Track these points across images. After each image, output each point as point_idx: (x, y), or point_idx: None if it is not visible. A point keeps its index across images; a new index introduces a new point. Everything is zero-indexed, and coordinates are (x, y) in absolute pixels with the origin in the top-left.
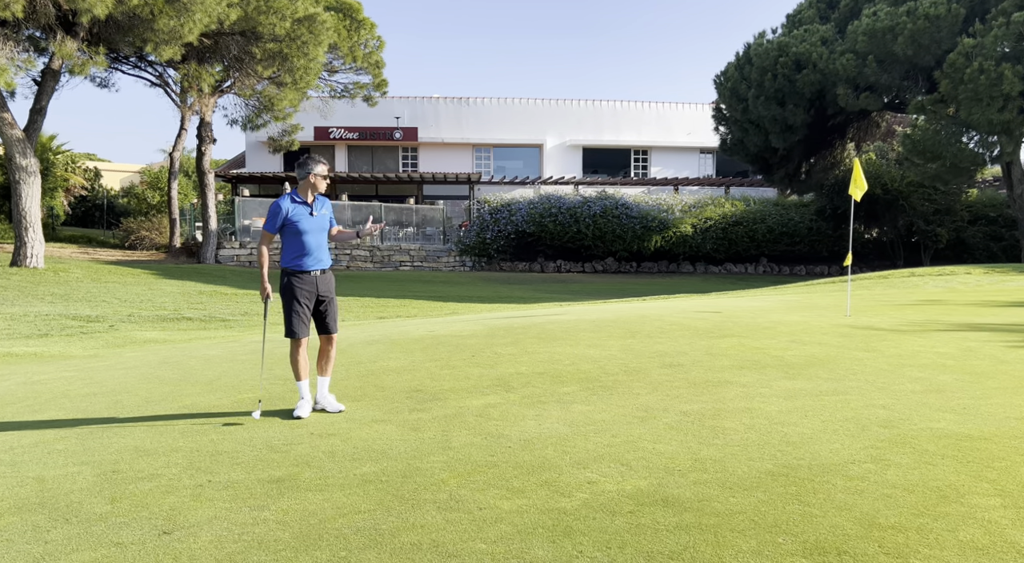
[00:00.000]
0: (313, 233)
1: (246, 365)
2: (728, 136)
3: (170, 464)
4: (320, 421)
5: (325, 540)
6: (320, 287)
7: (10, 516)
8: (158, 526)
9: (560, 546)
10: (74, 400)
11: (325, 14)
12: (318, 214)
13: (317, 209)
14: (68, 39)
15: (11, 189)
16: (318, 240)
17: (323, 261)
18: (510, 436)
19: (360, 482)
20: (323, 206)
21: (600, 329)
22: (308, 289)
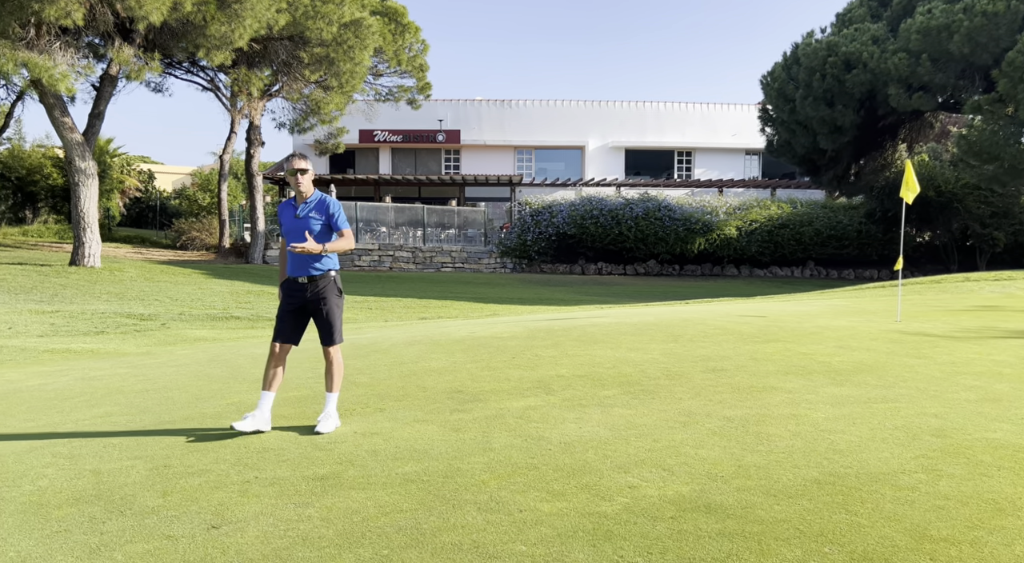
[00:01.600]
0: (292, 235)
1: (290, 364)
2: (775, 137)
3: (219, 460)
4: (364, 420)
5: (368, 538)
6: (308, 295)
7: (68, 507)
8: (207, 520)
9: (600, 550)
10: (128, 396)
11: (371, 18)
12: (302, 216)
13: (302, 211)
14: (125, 45)
15: (71, 191)
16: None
17: (304, 268)
18: (550, 439)
19: (402, 481)
20: (311, 208)
21: (642, 332)
22: (291, 296)
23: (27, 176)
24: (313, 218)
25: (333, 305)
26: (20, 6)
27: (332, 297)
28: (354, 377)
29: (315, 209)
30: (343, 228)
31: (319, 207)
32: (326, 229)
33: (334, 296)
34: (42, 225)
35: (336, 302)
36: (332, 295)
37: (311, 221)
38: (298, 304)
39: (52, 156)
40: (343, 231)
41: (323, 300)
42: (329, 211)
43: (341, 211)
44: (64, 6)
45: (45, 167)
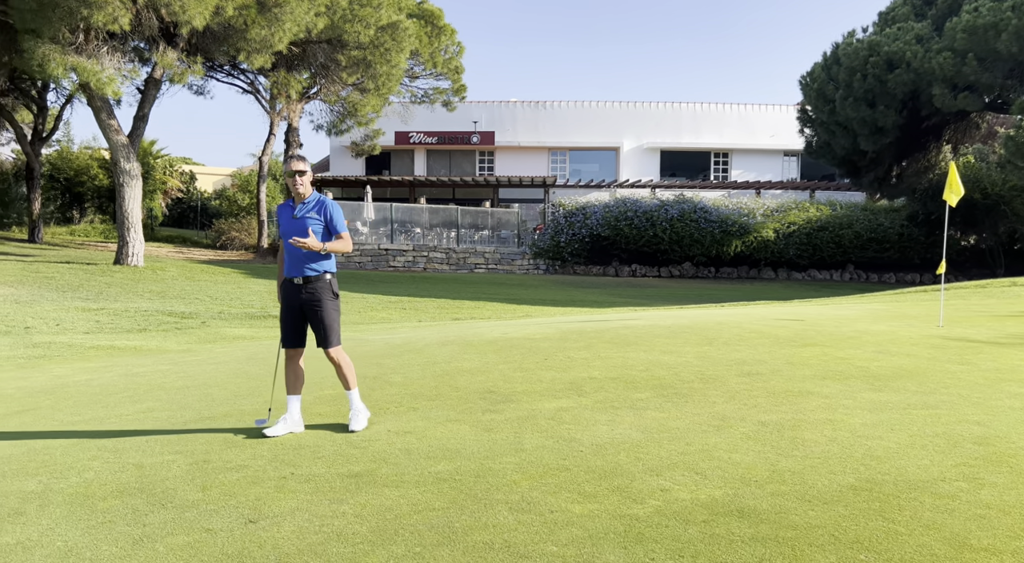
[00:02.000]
0: (290, 236)
1: (325, 363)
2: (814, 138)
3: (256, 456)
4: (398, 419)
5: (400, 535)
6: (302, 296)
7: (113, 499)
8: (244, 515)
9: (631, 552)
10: (169, 392)
11: (407, 21)
12: (300, 217)
13: (300, 212)
14: (169, 49)
15: (116, 191)
16: (293, 248)
17: (298, 269)
18: (582, 440)
19: (434, 480)
20: (309, 209)
21: (675, 335)
22: (288, 297)
23: (75, 177)
24: (311, 219)
25: (327, 308)
26: (70, 12)
27: (326, 300)
28: (388, 376)
29: (313, 210)
30: (341, 231)
31: (317, 208)
32: (324, 231)
33: (328, 299)
34: (88, 225)
35: (331, 305)
36: (326, 298)
37: (309, 222)
38: (295, 305)
39: (99, 158)
40: (341, 234)
41: (317, 302)
42: (327, 213)
43: (339, 213)
44: (112, 12)
45: (92, 168)
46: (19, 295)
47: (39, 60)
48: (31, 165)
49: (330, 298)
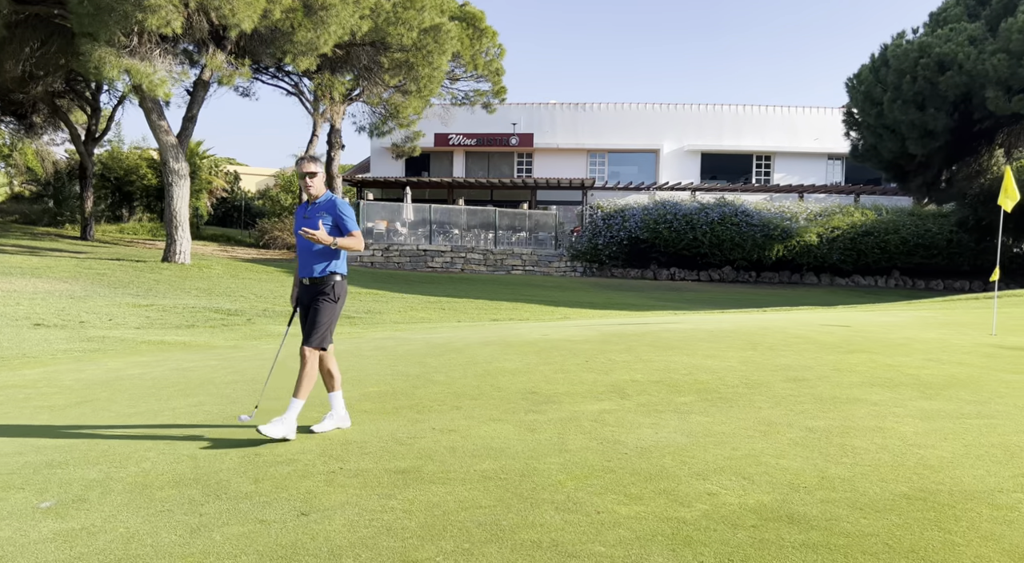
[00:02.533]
0: (302, 238)
1: (369, 360)
2: (860, 142)
3: (304, 450)
4: (441, 417)
5: (449, 531)
6: (306, 297)
7: (170, 489)
8: (296, 507)
9: (680, 555)
10: (219, 386)
11: (450, 24)
12: (311, 216)
13: (311, 211)
14: (218, 52)
15: (165, 191)
16: (304, 244)
17: (307, 268)
18: (626, 443)
19: (480, 478)
20: (320, 209)
21: (718, 339)
22: (300, 298)
23: (124, 176)
24: (322, 218)
25: (323, 307)
26: (125, 16)
27: (327, 300)
28: (431, 375)
29: (323, 209)
30: (352, 230)
31: (327, 207)
32: (334, 229)
33: (329, 299)
34: (137, 223)
35: (327, 306)
36: (328, 299)
37: (318, 221)
38: (306, 305)
39: (147, 158)
40: (352, 233)
41: (317, 300)
42: (337, 211)
43: (350, 212)
44: (165, 15)
45: (141, 168)
46: (73, 290)
47: (96, 63)
48: (84, 164)
49: (329, 298)
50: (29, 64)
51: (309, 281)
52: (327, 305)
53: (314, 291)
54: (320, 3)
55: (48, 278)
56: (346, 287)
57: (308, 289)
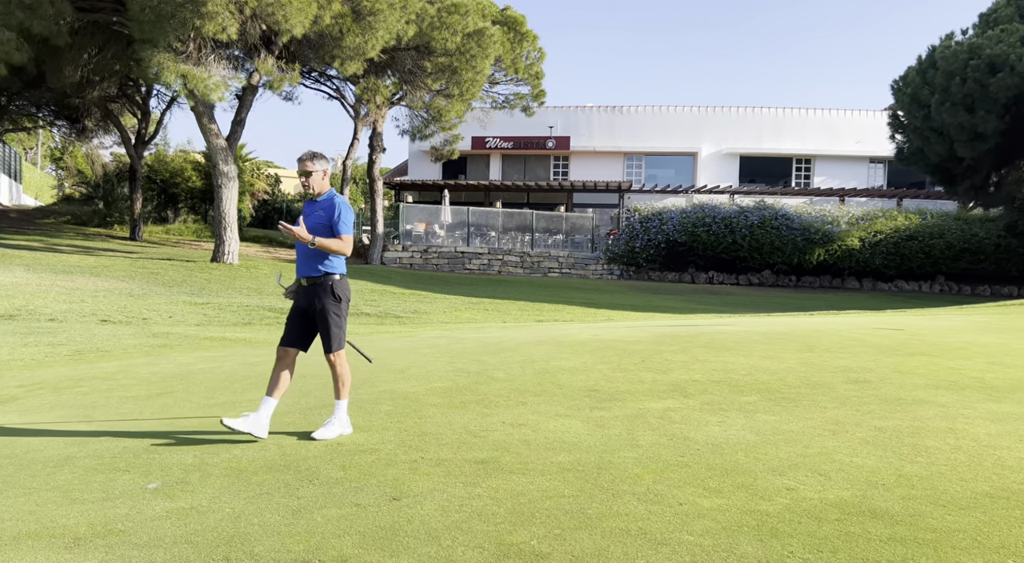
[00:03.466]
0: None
1: (428, 357)
2: (905, 145)
3: (384, 441)
4: (509, 412)
5: (537, 518)
6: (304, 299)
7: (264, 474)
8: (387, 493)
9: (768, 545)
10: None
11: (493, 28)
12: (310, 215)
13: (313, 209)
14: (269, 57)
15: (214, 193)
16: (301, 247)
17: (305, 268)
18: (696, 439)
19: (558, 469)
20: (319, 207)
21: (773, 341)
22: (297, 298)
23: (169, 179)
24: (318, 216)
25: (329, 311)
26: (183, 22)
27: (329, 302)
28: (491, 372)
29: (322, 207)
30: (343, 233)
31: (326, 206)
32: (327, 229)
33: (331, 301)
34: (182, 224)
35: (334, 308)
36: (330, 300)
37: (315, 218)
38: (303, 306)
39: (192, 160)
40: (341, 235)
41: (319, 304)
42: (333, 211)
43: (346, 214)
44: (221, 22)
45: (186, 170)
46: (131, 289)
47: (155, 68)
48: (134, 167)
49: (333, 301)
50: (87, 70)
51: (307, 281)
52: (331, 306)
53: (313, 292)
54: (368, 8)
55: (106, 277)
56: (347, 286)
57: (307, 290)
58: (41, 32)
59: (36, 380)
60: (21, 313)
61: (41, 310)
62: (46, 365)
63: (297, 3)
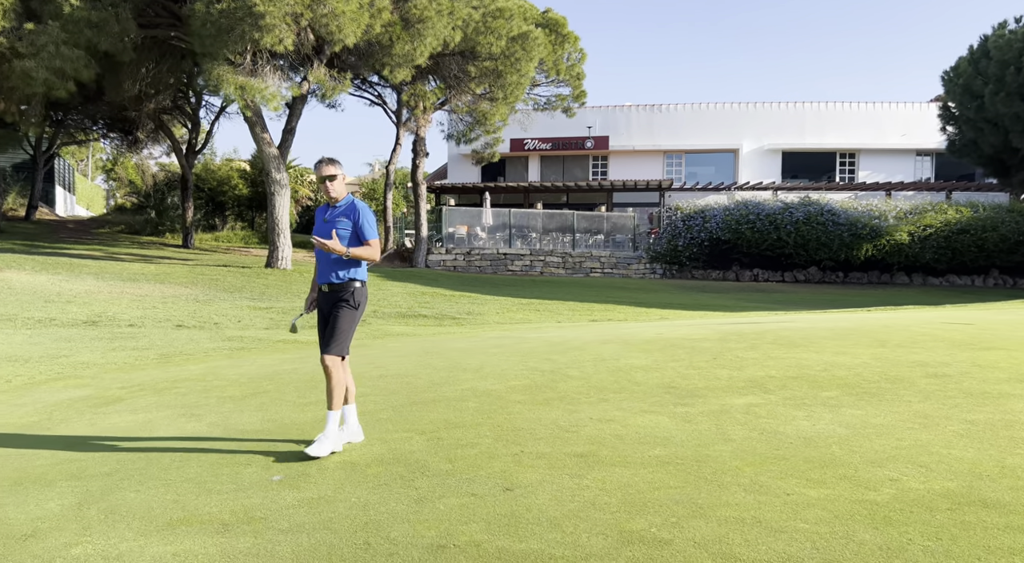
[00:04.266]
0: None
1: (498, 357)
2: (957, 137)
3: (480, 436)
4: (594, 408)
5: (650, 507)
6: (325, 304)
7: (377, 467)
8: (498, 484)
9: (885, 532)
10: (371, 380)
11: (537, 31)
12: (330, 220)
13: (331, 215)
14: (322, 66)
15: (267, 200)
16: (321, 252)
17: (325, 274)
18: (787, 433)
19: (657, 462)
20: (339, 213)
21: (842, 337)
22: (320, 304)
23: (217, 187)
24: (340, 223)
25: (342, 314)
26: (241, 36)
27: (344, 306)
28: (564, 371)
29: (343, 214)
30: (369, 238)
31: (348, 212)
32: (353, 236)
33: (349, 307)
34: (230, 231)
35: (346, 312)
36: (347, 305)
37: (339, 226)
38: (325, 313)
39: (238, 169)
40: (369, 241)
41: (335, 307)
42: (356, 218)
43: (369, 218)
44: (279, 34)
45: (232, 179)
46: (196, 295)
47: (215, 81)
48: (185, 176)
49: (348, 305)
50: (143, 83)
51: (328, 287)
52: (347, 311)
53: (333, 298)
54: (417, 16)
55: (170, 284)
56: (366, 294)
57: (327, 296)
58: (108, 49)
59: (135, 382)
60: (102, 319)
61: (119, 316)
62: (138, 368)
63: (350, 13)
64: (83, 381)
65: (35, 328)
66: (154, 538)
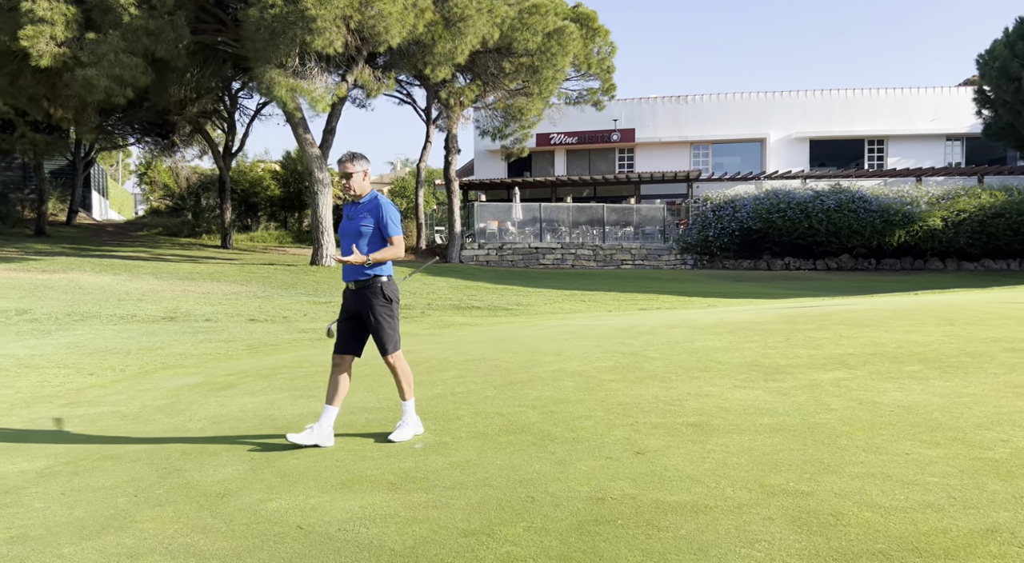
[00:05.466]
0: (345, 238)
1: (572, 342)
2: (993, 120)
3: (590, 409)
4: (686, 385)
5: (781, 466)
6: (353, 303)
7: (506, 436)
8: (627, 449)
9: (1015, 484)
10: (460, 364)
11: (572, 26)
12: (354, 217)
13: (355, 212)
14: (366, 67)
15: (310, 199)
16: (347, 247)
17: (351, 273)
18: (884, 403)
19: (769, 430)
20: (364, 210)
21: (907, 317)
22: (345, 302)
23: (249, 188)
24: (364, 220)
25: (380, 313)
26: (294, 39)
27: (378, 305)
28: (644, 353)
29: (367, 210)
30: (392, 234)
31: (371, 209)
32: (376, 233)
33: (380, 303)
34: (264, 231)
35: (384, 310)
36: (378, 303)
37: (362, 223)
38: (351, 311)
39: (270, 170)
40: (392, 238)
41: (369, 308)
42: (379, 214)
43: (392, 214)
44: (329, 37)
45: (264, 180)
46: (254, 292)
47: (268, 84)
48: (223, 178)
49: (382, 303)
50: (188, 88)
51: (355, 285)
52: (381, 309)
53: (361, 296)
54: (458, 15)
55: (226, 282)
56: (396, 287)
57: (355, 293)
58: (163, 56)
59: (237, 370)
60: (178, 315)
61: (193, 312)
62: (232, 358)
63: (396, 14)
64: (189, 369)
65: (119, 324)
66: (336, 494)
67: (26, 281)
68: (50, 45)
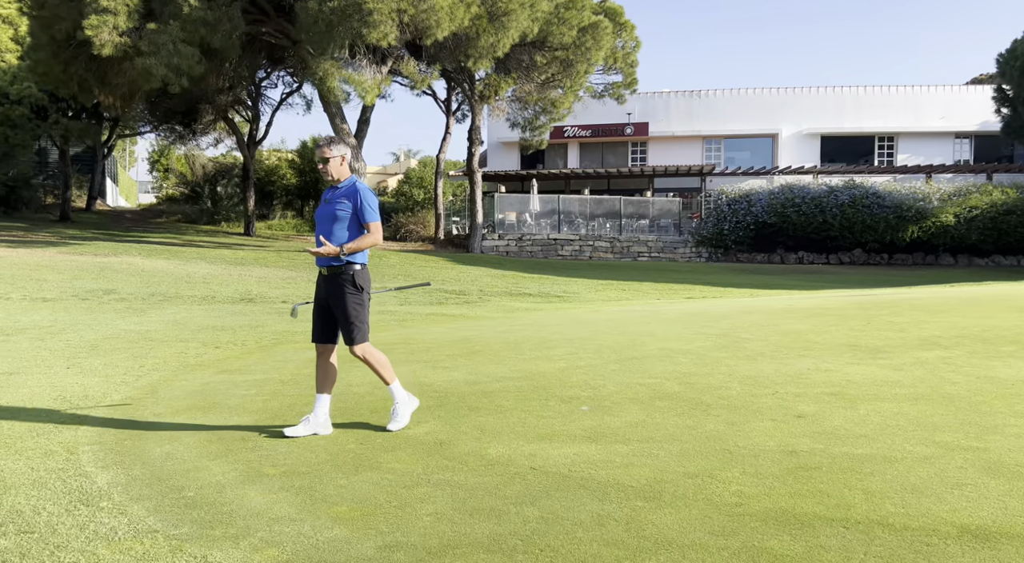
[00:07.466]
0: (321, 222)
1: (654, 325)
2: (1012, 118)
3: (723, 382)
4: (801, 362)
5: (940, 427)
6: (324, 290)
7: (661, 402)
8: (786, 413)
9: None
10: (561, 343)
11: (605, 20)
12: (331, 201)
13: (334, 197)
14: (412, 59)
15: None
16: (323, 231)
17: (324, 259)
18: (1002, 378)
19: (909, 398)
20: (340, 195)
21: (973, 305)
22: (317, 290)
23: (266, 177)
24: (340, 204)
25: (347, 302)
26: (349, 31)
27: (346, 293)
28: (737, 334)
29: (344, 194)
30: (370, 220)
31: (348, 194)
32: (353, 218)
33: (351, 292)
34: (282, 220)
35: (352, 299)
36: (348, 291)
37: (338, 207)
38: (322, 297)
39: (286, 159)
40: (369, 224)
41: (338, 295)
42: (357, 199)
43: (370, 200)
44: (384, 30)
45: (281, 168)
46: (308, 276)
47: (321, 75)
48: (247, 166)
49: (352, 291)
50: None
51: (327, 270)
52: (348, 298)
53: (333, 282)
54: (502, 9)
55: (275, 267)
56: (368, 276)
57: (327, 279)
58: (218, 46)
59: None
60: (254, 297)
61: (265, 295)
62: None
63: (447, 8)
64: (302, 345)
65: (203, 304)
66: (543, 444)
67: (91, 264)
68: (112, 35)
